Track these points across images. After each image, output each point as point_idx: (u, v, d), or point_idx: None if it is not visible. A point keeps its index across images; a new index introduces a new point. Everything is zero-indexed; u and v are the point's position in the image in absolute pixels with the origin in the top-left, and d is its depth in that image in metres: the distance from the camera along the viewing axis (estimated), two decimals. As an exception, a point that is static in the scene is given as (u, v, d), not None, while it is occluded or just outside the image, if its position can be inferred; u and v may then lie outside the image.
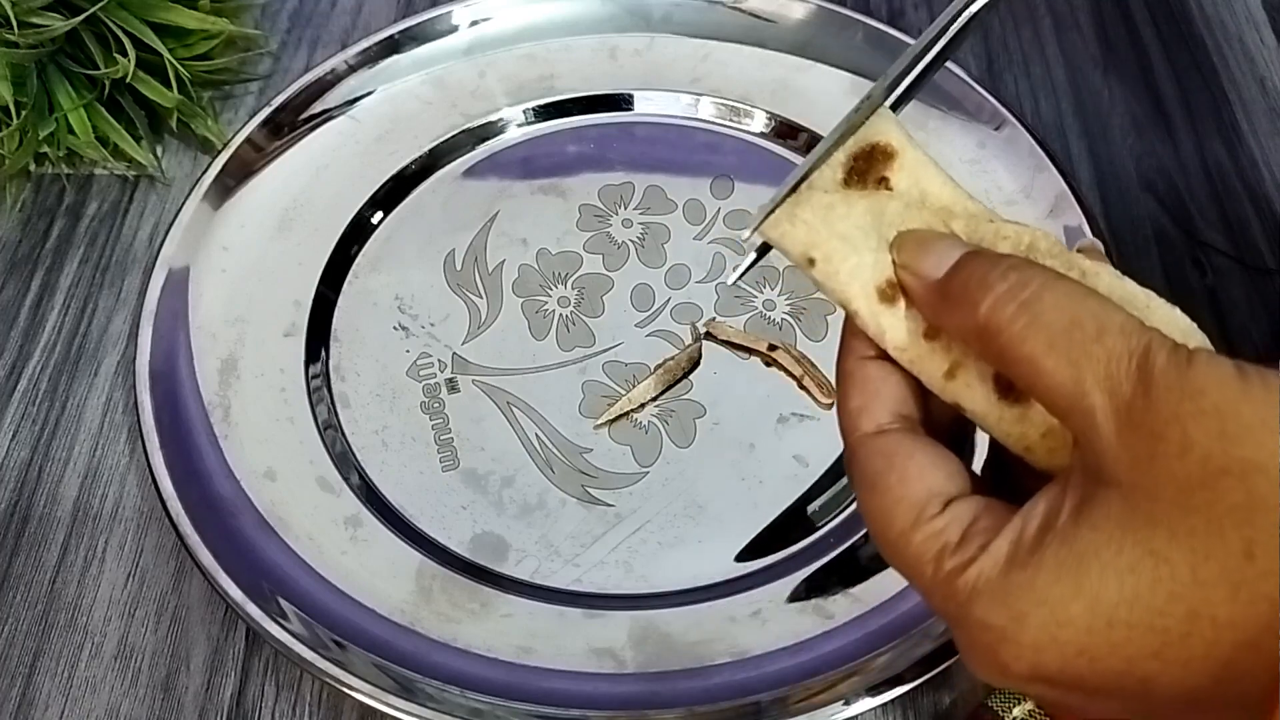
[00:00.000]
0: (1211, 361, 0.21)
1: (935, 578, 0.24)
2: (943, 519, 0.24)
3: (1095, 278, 0.25)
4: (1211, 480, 0.20)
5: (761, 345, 0.45)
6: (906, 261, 0.26)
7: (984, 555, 0.23)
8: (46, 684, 0.39)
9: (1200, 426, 0.20)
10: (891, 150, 0.27)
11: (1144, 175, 0.52)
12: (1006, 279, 0.24)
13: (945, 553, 0.24)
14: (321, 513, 0.41)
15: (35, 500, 0.43)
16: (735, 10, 0.54)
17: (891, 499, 0.25)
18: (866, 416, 0.26)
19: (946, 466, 0.25)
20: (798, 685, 0.36)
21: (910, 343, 0.26)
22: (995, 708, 0.36)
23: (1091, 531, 0.22)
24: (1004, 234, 0.26)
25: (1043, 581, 0.22)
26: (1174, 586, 0.21)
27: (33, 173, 0.51)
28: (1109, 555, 0.21)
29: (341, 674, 0.36)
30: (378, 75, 0.52)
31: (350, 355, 0.46)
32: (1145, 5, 0.59)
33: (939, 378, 0.26)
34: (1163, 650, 0.21)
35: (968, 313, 0.24)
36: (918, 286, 0.25)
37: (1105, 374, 0.22)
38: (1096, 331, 0.22)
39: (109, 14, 0.47)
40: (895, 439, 0.25)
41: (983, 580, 0.23)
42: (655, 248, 0.49)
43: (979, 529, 0.24)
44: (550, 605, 0.39)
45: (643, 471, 0.43)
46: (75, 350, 0.46)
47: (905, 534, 0.24)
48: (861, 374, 0.26)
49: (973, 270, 0.24)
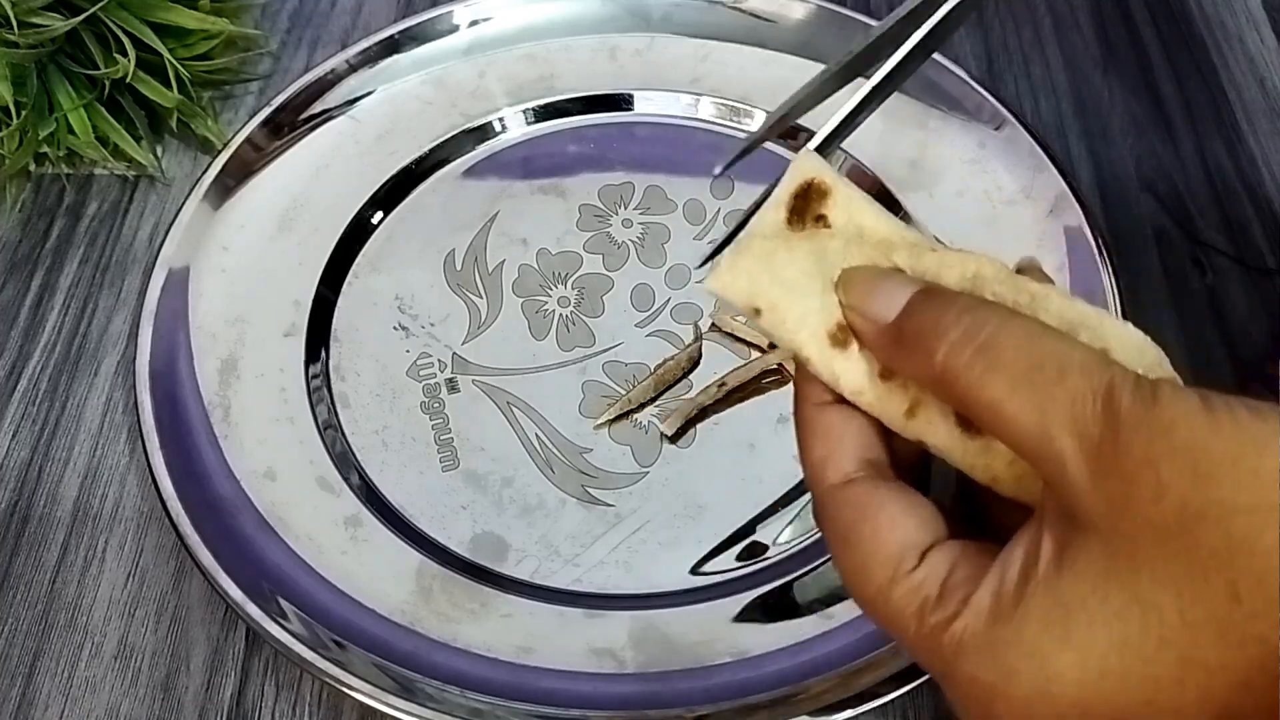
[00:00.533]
0: (1176, 396, 0.21)
1: (919, 634, 0.23)
2: (920, 572, 0.23)
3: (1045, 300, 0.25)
4: (1190, 525, 0.20)
5: (763, 341, 0.45)
6: (854, 303, 0.25)
7: (966, 609, 0.22)
8: (46, 684, 0.39)
9: (1173, 468, 0.20)
10: (825, 187, 0.27)
11: (1144, 175, 0.52)
12: (960, 323, 0.23)
13: (926, 608, 0.23)
14: (321, 513, 0.41)
15: (35, 500, 0.43)
16: (735, 10, 0.54)
17: (865, 554, 0.24)
18: (832, 467, 0.25)
19: (918, 513, 0.24)
20: (798, 685, 0.36)
21: (867, 385, 0.25)
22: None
23: (1074, 580, 0.21)
24: (949, 263, 0.26)
25: (1030, 634, 0.22)
26: (1163, 632, 0.20)
27: (33, 173, 0.51)
28: (1095, 603, 0.21)
29: (341, 674, 0.36)
30: (378, 75, 0.52)
31: (350, 355, 0.46)
32: (1145, 5, 0.59)
33: (900, 417, 0.25)
34: (1156, 698, 0.21)
35: (924, 359, 0.23)
36: (868, 330, 0.25)
37: (1071, 416, 0.21)
38: (1058, 372, 0.22)
39: (109, 14, 0.47)
40: (864, 489, 0.25)
41: (968, 635, 0.22)
42: (655, 248, 0.49)
43: (958, 580, 0.23)
44: (550, 605, 0.39)
45: (643, 471, 0.43)
46: (75, 350, 0.46)
47: (883, 590, 0.24)
48: (822, 422, 0.26)
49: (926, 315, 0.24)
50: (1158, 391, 0.21)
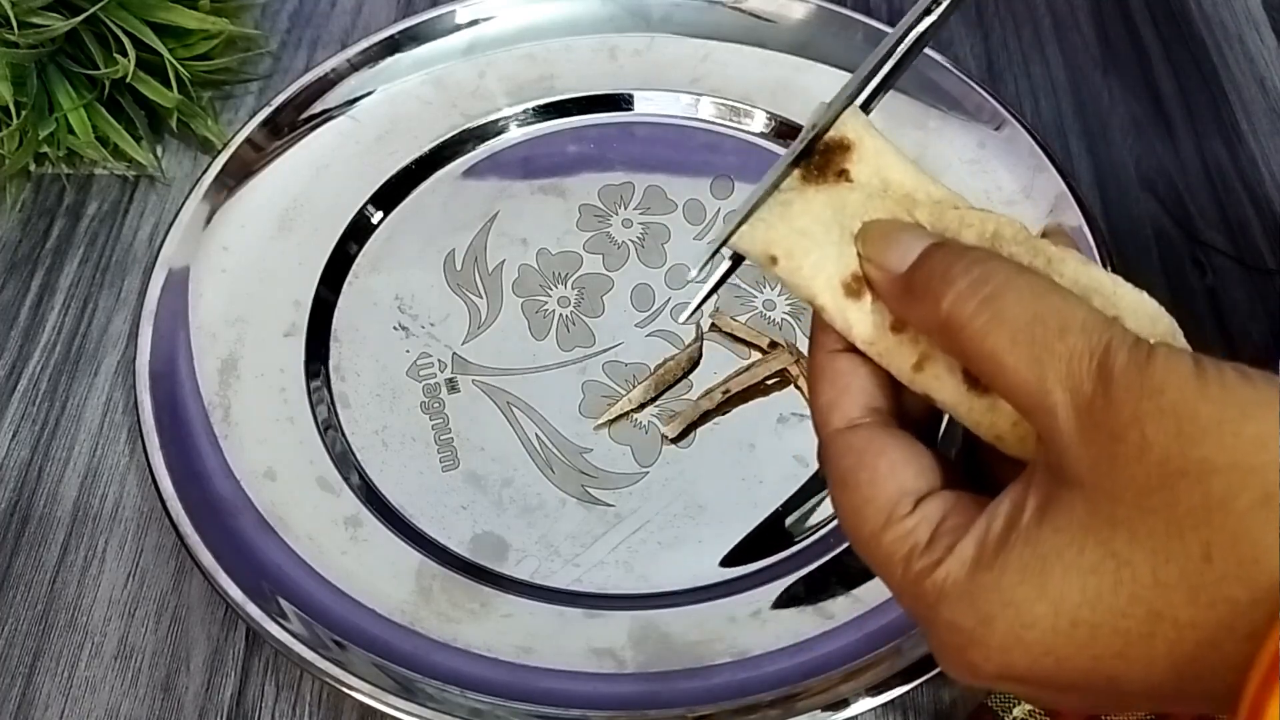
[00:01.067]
0: (1170, 359, 0.21)
1: (905, 578, 0.24)
2: (912, 519, 0.24)
3: (1061, 264, 0.25)
4: (1170, 482, 0.20)
5: (763, 342, 0.45)
6: (871, 254, 0.26)
7: (951, 557, 0.23)
8: (46, 684, 0.39)
9: (1158, 427, 0.21)
10: (848, 143, 0.27)
11: (1144, 175, 0.52)
12: (969, 273, 0.23)
13: (914, 553, 0.24)
14: (321, 513, 0.41)
15: (35, 500, 0.43)
16: (735, 10, 0.54)
17: (862, 498, 0.25)
18: (837, 412, 0.26)
19: (918, 462, 0.25)
20: (798, 685, 0.36)
21: (878, 336, 0.26)
22: (995, 708, 0.36)
23: (1054, 533, 0.22)
24: (969, 221, 0.26)
25: (1008, 583, 0.22)
26: (1135, 588, 0.21)
27: (33, 173, 0.51)
28: (1071, 556, 0.22)
29: (341, 674, 0.36)
30: (378, 75, 0.52)
31: (350, 355, 0.46)
32: (1145, 5, 0.59)
33: (908, 370, 0.25)
34: (1126, 650, 0.21)
35: (930, 307, 0.24)
36: (882, 280, 0.25)
37: (1067, 372, 0.22)
38: (1059, 328, 0.22)
39: (109, 14, 0.47)
40: (866, 434, 0.25)
41: (949, 582, 0.23)
42: (655, 248, 0.49)
43: (947, 528, 0.24)
44: (550, 605, 0.39)
45: (643, 471, 0.43)
46: (75, 350, 0.46)
47: (876, 534, 0.24)
48: (831, 368, 0.26)
49: (936, 264, 0.24)
50: (1153, 353, 0.21)
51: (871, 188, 0.27)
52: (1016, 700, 0.36)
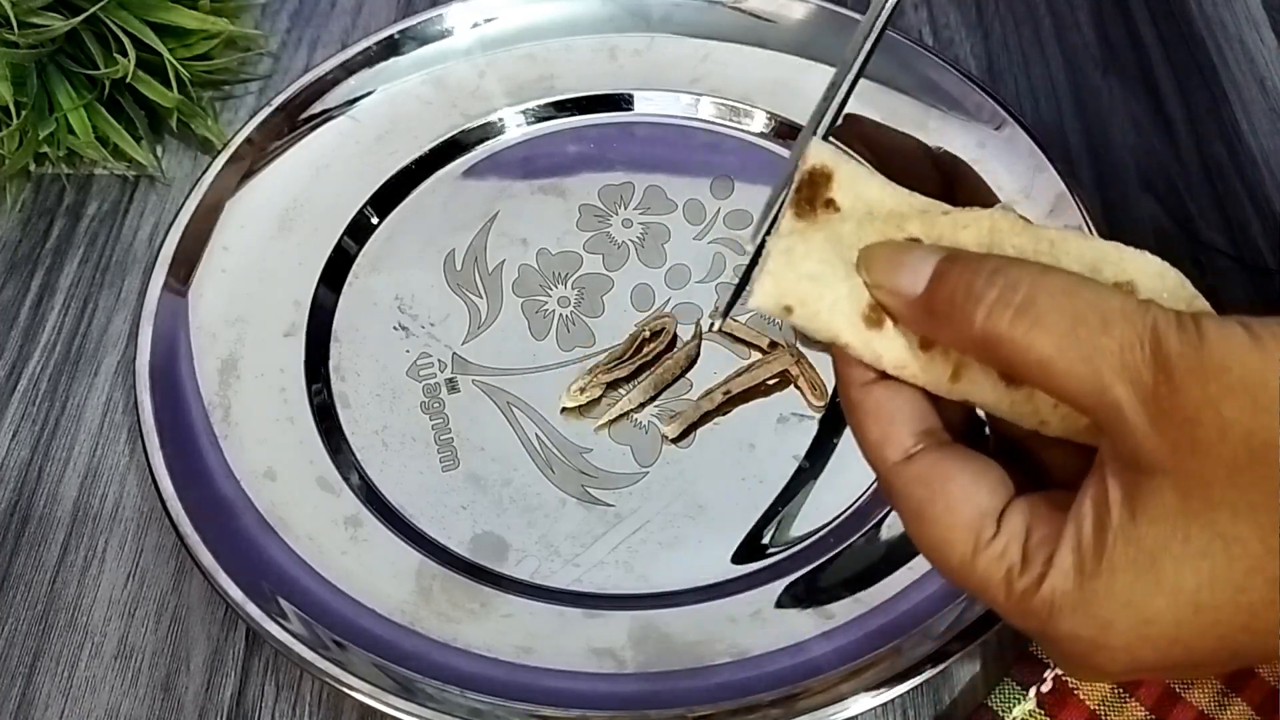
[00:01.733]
0: (1223, 332, 0.21)
1: (1010, 601, 0.24)
2: (1000, 540, 0.24)
3: (1064, 243, 0.25)
4: (1260, 454, 0.21)
5: (762, 342, 0.45)
6: (879, 281, 0.25)
7: (1053, 570, 0.23)
8: (46, 684, 0.39)
9: (1233, 405, 0.21)
10: (828, 170, 0.27)
11: (1144, 175, 0.52)
12: (994, 284, 0.23)
13: (1013, 575, 0.24)
14: (321, 513, 0.41)
15: (35, 500, 0.43)
16: (735, 10, 0.54)
17: (944, 529, 0.25)
18: (891, 445, 0.26)
19: (986, 478, 0.25)
20: (798, 685, 0.36)
21: (909, 359, 0.26)
22: (995, 708, 0.36)
23: (1152, 526, 0.22)
24: (963, 223, 0.26)
25: (1121, 585, 0.22)
26: (1250, 561, 0.21)
27: (33, 173, 0.51)
28: (1178, 546, 0.22)
29: (341, 674, 0.36)
30: (378, 75, 0.52)
31: (350, 355, 0.46)
32: (1145, 5, 0.59)
33: (945, 383, 0.26)
34: (1252, 622, 0.22)
35: (961, 325, 0.24)
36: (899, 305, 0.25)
37: (1121, 364, 0.22)
38: (1101, 323, 0.22)
39: (109, 14, 0.47)
40: (929, 462, 0.25)
41: (1059, 595, 0.23)
42: (655, 248, 0.49)
43: (1037, 542, 0.24)
44: (550, 605, 0.39)
45: (643, 471, 0.43)
46: (75, 350, 0.46)
47: (966, 562, 0.24)
48: (871, 401, 0.26)
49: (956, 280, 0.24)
50: (1203, 329, 0.21)
51: (859, 213, 0.27)
52: (1017, 700, 0.36)
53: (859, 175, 0.27)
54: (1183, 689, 0.36)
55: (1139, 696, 0.36)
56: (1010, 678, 0.37)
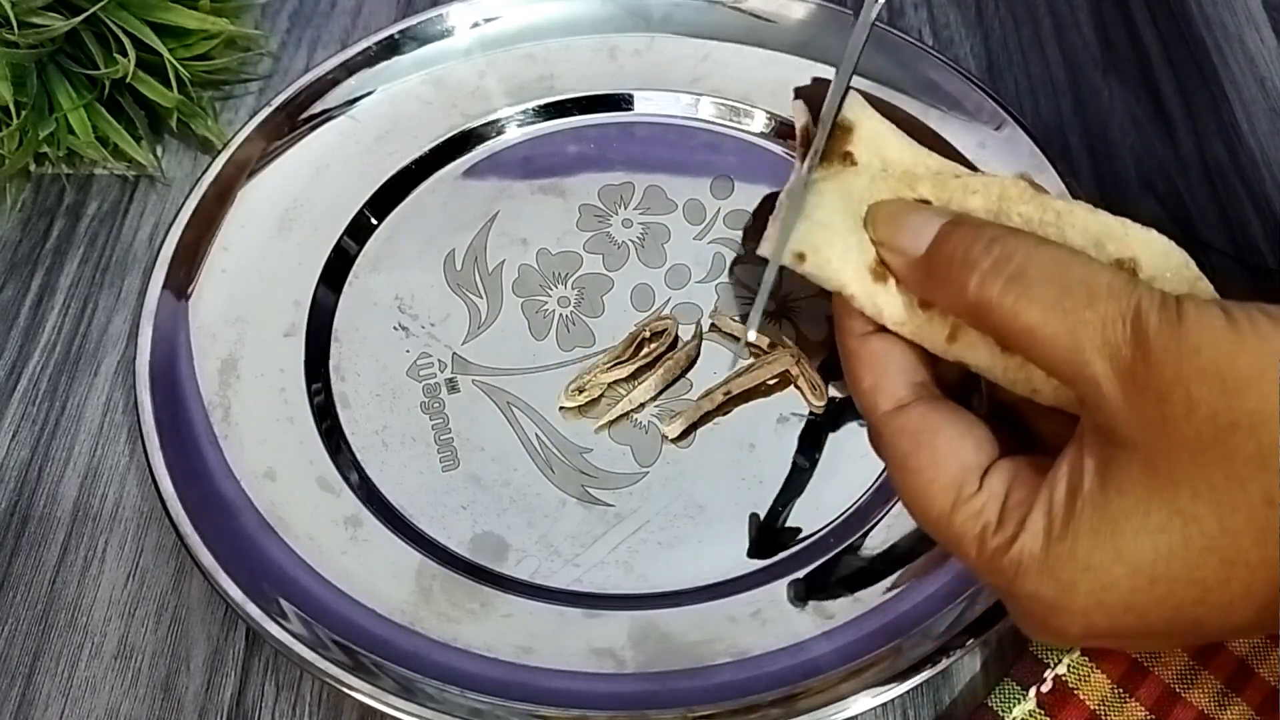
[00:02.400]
0: (1201, 314, 0.22)
1: (981, 557, 0.25)
2: (980, 498, 0.25)
3: (1070, 215, 0.25)
4: (1222, 436, 0.21)
5: (763, 342, 0.45)
6: (883, 239, 0.26)
7: (1024, 532, 0.24)
8: (46, 684, 0.39)
9: (1202, 385, 0.21)
10: (848, 124, 0.27)
11: (1144, 175, 0.52)
12: (990, 253, 0.24)
13: (987, 532, 0.24)
14: (321, 513, 0.41)
15: (35, 500, 0.43)
16: (735, 10, 0.54)
17: (926, 480, 0.25)
18: (882, 394, 0.26)
19: (973, 434, 0.25)
20: (798, 685, 0.36)
21: (908, 316, 0.26)
22: (995, 708, 0.36)
23: (1119, 496, 0.23)
24: (972, 188, 0.26)
25: (1083, 550, 0.23)
26: (1205, 540, 0.22)
27: (33, 173, 0.51)
28: (1139, 518, 0.22)
29: (341, 674, 0.36)
30: (378, 75, 0.52)
31: (350, 355, 0.46)
32: (1145, 5, 0.59)
33: (941, 342, 0.26)
34: (1204, 597, 0.22)
35: (956, 290, 0.24)
36: (900, 264, 0.26)
37: (1102, 340, 0.22)
38: (1087, 297, 0.23)
39: (109, 14, 0.47)
40: (918, 414, 0.26)
41: (1026, 555, 0.24)
42: (655, 248, 0.49)
43: (1014, 503, 0.24)
44: (550, 605, 0.39)
45: (643, 471, 0.43)
46: (75, 350, 0.46)
47: (945, 515, 0.25)
48: (867, 351, 0.27)
49: (955, 246, 0.25)
50: (1183, 310, 0.22)
51: (874, 169, 0.27)
52: (1017, 700, 0.36)
53: (880, 132, 0.27)
54: (1183, 689, 0.36)
55: (1139, 696, 0.36)
56: (1010, 678, 0.37)
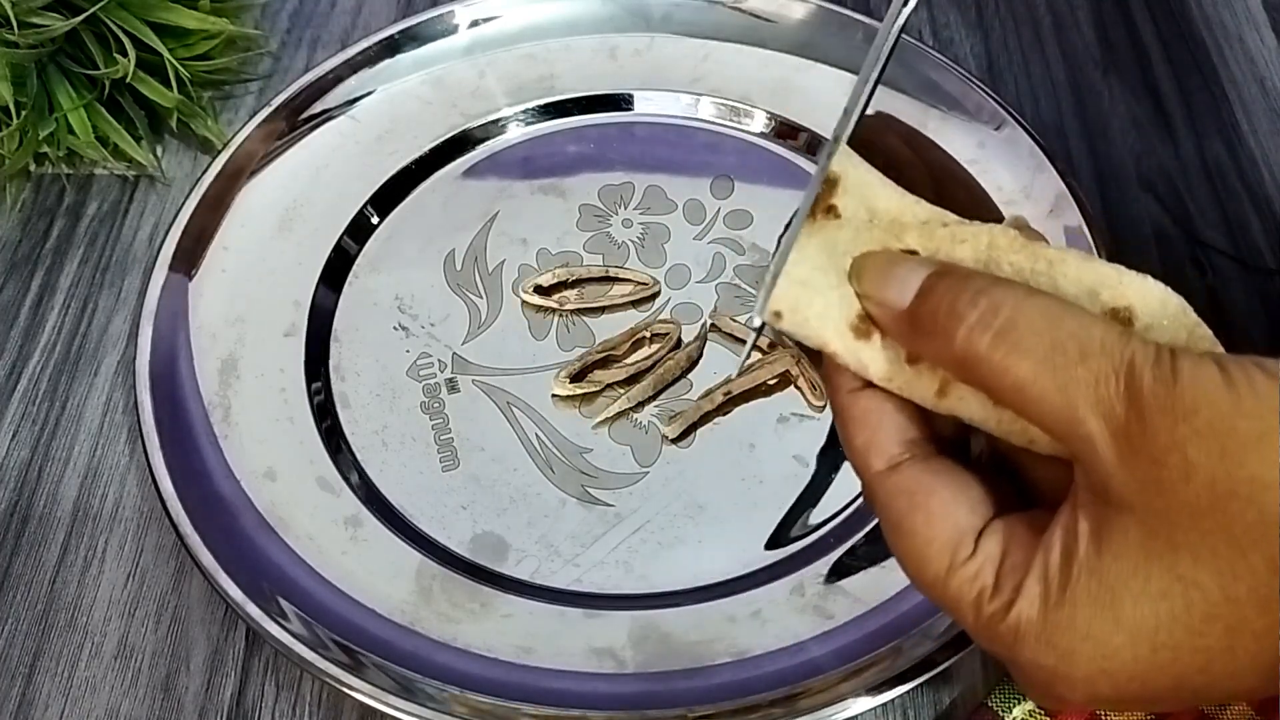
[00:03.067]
0: (1197, 373, 0.21)
1: (978, 622, 0.24)
2: (976, 561, 0.24)
3: (1062, 264, 0.25)
4: (1222, 503, 0.21)
5: (763, 342, 0.45)
6: (868, 291, 0.25)
7: (1020, 598, 0.23)
8: (46, 684, 0.39)
9: (1199, 449, 0.21)
10: (834, 177, 0.27)
11: (1144, 175, 0.52)
12: (977, 305, 0.23)
13: (984, 598, 0.24)
14: (321, 513, 0.41)
15: (35, 500, 0.43)
16: (735, 10, 0.54)
17: (921, 542, 0.25)
18: (875, 452, 0.26)
19: (968, 495, 0.25)
20: (798, 685, 0.36)
21: (895, 371, 0.25)
22: (995, 708, 0.36)
23: (1115, 561, 0.22)
24: (960, 237, 0.26)
25: (1082, 618, 0.22)
26: (1207, 608, 0.21)
27: (33, 173, 0.51)
28: (1138, 585, 0.22)
29: (341, 674, 0.36)
30: (378, 75, 0.52)
31: (350, 355, 0.46)
32: (1145, 5, 0.59)
33: (931, 397, 0.25)
34: (1209, 666, 0.22)
35: (943, 343, 0.24)
36: (885, 317, 0.25)
37: (1096, 398, 0.22)
38: (1079, 353, 0.22)
39: (109, 14, 0.47)
40: (912, 474, 0.25)
41: (1024, 623, 0.23)
42: (655, 248, 0.49)
43: (1010, 567, 0.24)
44: (550, 605, 0.39)
45: (643, 471, 0.43)
46: (75, 350, 0.46)
47: (941, 579, 0.24)
48: (858, 408, 0.26)
49: (941, 297, 0.24)
50: (1178, 367, 0.21)
51: (859, 220, 0.26)
52: (1017, 700, 0.36)
53: (867, 181, 0.27)
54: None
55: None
56: (1010, 678, 0.37)
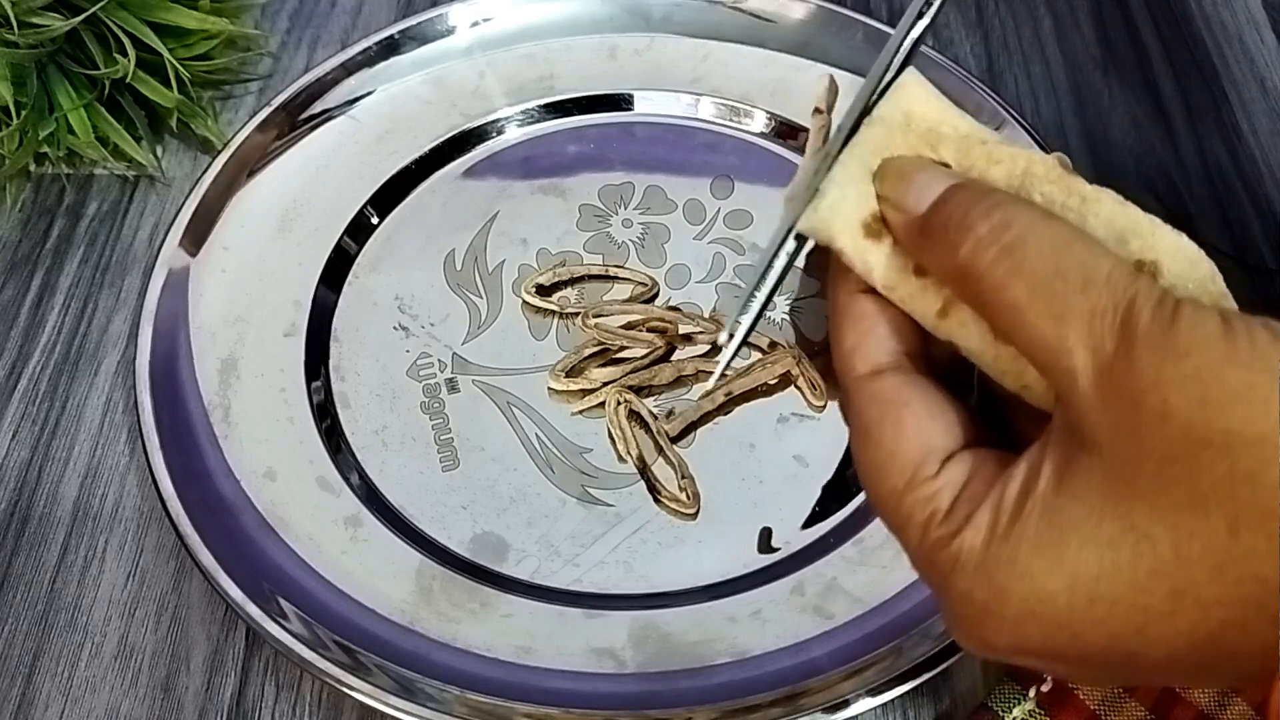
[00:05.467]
0: (1197, 318, 0.20)
1: (921, 544, 0.23)
2: (936, 482, 0.23)
3: (1096, 204, 0.24)
4: (1193, 452, 0.19)
5: (763, 342, 0.45)
6: (887, 193, 0.24)
7: (968, 526, 0.22)
8: (46, 684, 0.39)
9: (1181, 393, 0.19)
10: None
11: (1144, 175, 0.52)
12: (989, 218, 0.22)
13: (934, 520, 0.23)
14: (321, 513, 0.41)
15: (35, 500, 0.43)
16: (735, 10, 0.54)
17: (885, 453, 0.24)
18: (861, 356, 0.25)
19: (945, 417, 0.24)
20: (798, 685, 0.36)
21: (899, 280, 0.24)
22: (995, 708, 0.36)
23: (1071, 501, 0.21)
24: (997, 158, 0.25)
25: (1023, 555, 0.21)
26: (1156, 563, 0.20)
27: (33, 173, 0.51)
28: (1089, 528, 0.21)
29: (341, 674, 0.36)
30: (378, 75, 0.52)
31: (350, 355, 0.46)
32: (1145, 5, 0.59)
33: (932, 316, 0.24)
34: (1145, 628, 0.20)
35: (947, 254, 0.23)
36: (899, 221, 0.24)
37: (1088, 330, 0.21)
38: (1082, 282, 0.21)
39: (109, 14, 0.47)
40: (893, 384, 0.24)
41: (965, 552, 0.22)
42: (655, 248, 0.49)
43: (968, 495, 0.22)
44: (550, 605, 0.39)
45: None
46: (75, 350, 0.46)
47: (896, 493, 0.23)
48: (854, 310, 0.25)
49: (954, 207, 0.23)
50: (1179, 312, 0.20)
51: (894, 121, 0.25)
52: (1017, 700, 0.36)
53: (911, 84, 0.25)
54: (1183, 689, 0.36)
55: (1138, 696, 0.36)
56: (1010, 678, 0.37)
